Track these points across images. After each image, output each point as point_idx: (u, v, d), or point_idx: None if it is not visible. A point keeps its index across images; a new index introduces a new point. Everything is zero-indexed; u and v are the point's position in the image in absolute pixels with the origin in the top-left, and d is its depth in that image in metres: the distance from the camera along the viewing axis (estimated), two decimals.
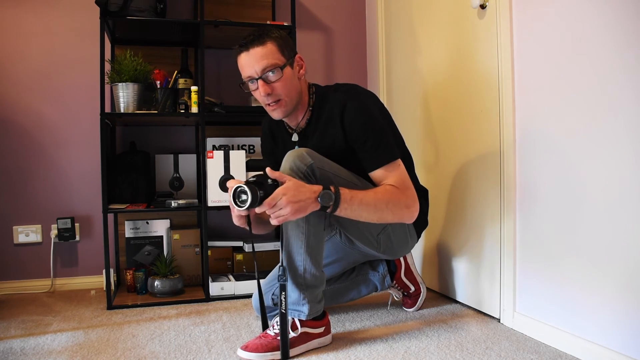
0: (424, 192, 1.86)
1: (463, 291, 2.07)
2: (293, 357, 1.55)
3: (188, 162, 2.56)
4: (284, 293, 1.51)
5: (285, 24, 2.37)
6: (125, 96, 2.17)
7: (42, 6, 2.45)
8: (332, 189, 1.47)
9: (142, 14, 2.20)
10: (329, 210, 1.48)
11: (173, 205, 2.22)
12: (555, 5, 1.58)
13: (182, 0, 2.60)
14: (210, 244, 2.41)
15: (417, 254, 2.32)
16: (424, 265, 2.34)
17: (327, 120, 1.66)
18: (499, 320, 1.85)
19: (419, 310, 2.00)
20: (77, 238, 2.49)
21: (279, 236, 1.60)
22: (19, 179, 2.44)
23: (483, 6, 1.87)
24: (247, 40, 1.59)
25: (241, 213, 1.51)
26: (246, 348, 1.53)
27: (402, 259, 1.99)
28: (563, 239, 1.57)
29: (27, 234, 2.45)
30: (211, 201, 2.24)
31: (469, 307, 2.03)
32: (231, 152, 2.27)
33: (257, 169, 2.30)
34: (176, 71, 2.36)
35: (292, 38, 2.33)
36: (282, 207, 1.42)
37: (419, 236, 1.82)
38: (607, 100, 1.40)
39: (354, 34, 2.88)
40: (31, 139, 2.45)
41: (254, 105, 2.39)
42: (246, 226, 1.56)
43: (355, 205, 1.50)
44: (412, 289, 1.99)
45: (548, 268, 1.63)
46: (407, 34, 2.46)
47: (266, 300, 1.79)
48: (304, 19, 2.77)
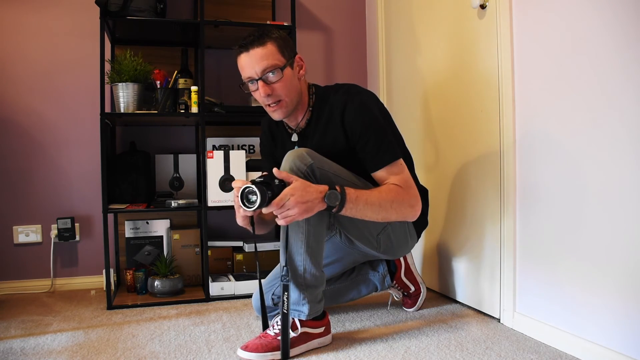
0: (423, 192, 1.86)
1: (463, 291, 2.07)
2: (293, 357, 1.55)
3: (188, 162, 2.56)
4: (286, 293, 1.51)
5: (285, 24, 2.37)
6: (125, 96, 2.17)
7: (42, 6, 2.45)
8: (337, 188, 1.47)
9: (142, 14, 2.20)
10: (335, 210, 1.48)
11: (173, 205, 2.23)
12: (555, 5, 1.58)
13: (182, 0, 2.60)
14: (210, 244, 2.41)
15: (417, 254, 2.32)
16: (424, 265, 2.34)
17: (328, 121, 1.66)
18: (499, 320, 1.85)
19: (419, 310, 2.00)
20: (77, 238, 2.49)
21: (279, 236, 1.60)
22: (19, 179, 2.44)
23: (483, 6, 1.87)
24: (247, 40, 1.59)
25: (247, 214, 1.50)
26: (246, 348, 1.53)
27: (402, 259, 1.99)
28: (563, 239, 1.57)
29: (27, 234, 2.45)
30: (211, 201, 2.24)
31: (469, 307, 2.03)
32: (231, 152, 2.27)
33: (257, 169, 2.30)
34: (176, 71, 2.36)
35: (292, 38, 2.33)
36: (290, 208, 1.42)
37: (418, 236, 1.82)
38: (607, 100, 1.40)
39: (354, 34, 2.88)
40: (31, 139, 2.45)
41: (254, 105, 2.39)
42: (249, 227, 1.56)
43: (361, 204, 1.50)
44: (412, 289, 1.99)
45: (548, 268, 1.63)
46: (407, 34, 2.46)
47: (267, 300, 1.79)
48: (304, 19, 2.77)
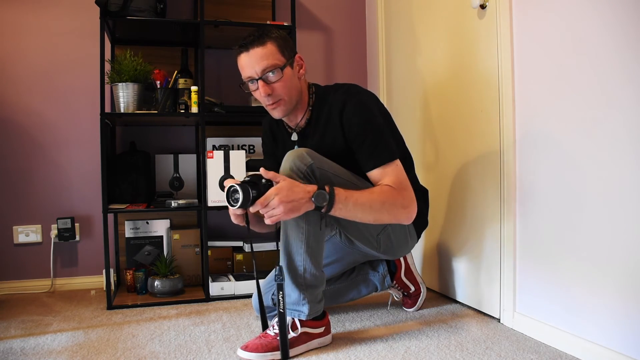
0: (423, 192, 1.86)
1: (463, 291, 2.07)
2: (293, 357, 1.55)
3: (188, 162, 2.56)
4: (281, 293, 1.52)
5: (285, 24, 2.37)
6: (125, 96, 2.17)
7: (42, 6, 2.45)
8: (326, 188, 1.47)
9: (142, 14, 2.20)
10: (324, 211, 1.48)
11: (173, 205, 2.23)
12: (555, 5, 1.58)
13: (182, 0, 2.60)
14: (210, 244, 2.41)
15: (417, 254, 2.32)
16: (424, 265, 2.34)
17: (327, 120, 1.65)
18: (499, 320, 1.85)
19: (419, 310, 2.00)
20: (77, 238, 2.49)
21: (279, 236, 1.60)
22: (19, 179, 2.44)
23: (483, 6, 1.87)
24: (247, 40, 1.59)
25: (236, 212, 1.52)
26: (246, 348, 1.53)
27: (402, 259, 1.99)
28: (563, 238, 1.57)
29: (27, 234, 2.45)
30: (211, 201, 2.24)
31: (469, 307, 2.03)
32: (231, 152, 2.27)
33: (257, 169, 2.29)
34: (176, 71, 2.36)
35: (292, 38, 2.33)
36: (274, 207, 1.42)
37: (418, 236, 1.82)
38: (607, 100, 1.40)
39: (354, 34, 2.88)
40: (31, 139, 2.45)
41: (254, 105, 2.39)
42: (244, 223, 1.57)
43: (351, 205, 1.49)
44: (412, 289, 1.99)
45: (548, 268, 1.63)
46: (407, 34, 2.46)
47: (266, 301, 1.78)
48: (304, 19, 2.77)
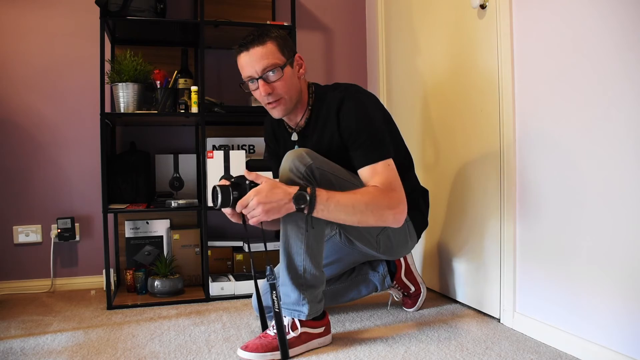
0: (423, 192, 1.86)
1: (463, 291, 2.07)
2: (293, 357, 1.55)
3: (188, 162, 2.56)
4: (274, 292, 1.52)
5: (285, 24, 2.37)
6: (125, 96, 2.17)
7: (42, 6, 2.45)
8: (308, 190, 1.45)
9: (142, 14, 2.20)
10: (306, 212, 1.47)
11: (173, 205, 2.23)
12: (555, 5, 1.58)
13: (182, 0, 2.60)
14: (210, 244, 2.41)
15: (417, 254, 2.32)
16: (424, 265, 2.34)
17: (325, 119, 1.65)
18: (499, 320, 1.85)
19: (419, 310, 2.00)
20: (77, 238, 2.49)
21: (279, 236, 1.60)
22: (19, 179, 2.44)
23: (483, 6, 1.87)
24: (247, 40, 1.59)
25: (226, 212, 1.56)
26: (246, 348, 1.53)
27: (402, 260, 1.98)
28: (563, 238, 1.57)
29: (27, 234, 2.44)
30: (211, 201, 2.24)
31: (469, 307, 2.02)
32: (231, 152, 2.27)
33: (257, 169, 2.30)
34: (176, 71, 2.35)
35: (292, 38, 2.33)
36: (253, 208, 1.45)
37: (418, 237, 1.81)
38: (607, 100, 1.40)
39: (354, 34, 2.88)
40: (31, 139, 2.45)
41: (254, 105, 2.39)
42: (240, 221, 1.57)
43: (332, 206, 1.47)
44: (413, 289, 1.99)
45: (548, 268, 1.63)
46: (407, 34, 2.46)
47: (265, 301, 1.77)
48: (304, 19, 2.77)
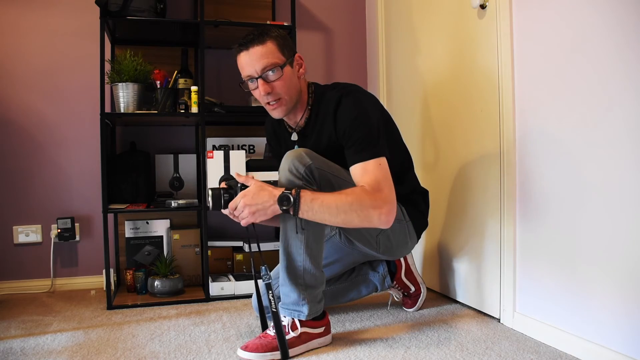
0: (423, 193, 1.86)
1: (463, 291, 2.07)
2: (293, 357, 1.55)
3: (188, 162, 2.56)
4: (271, 292, 1.52)
5: (285, 24, 2.37)
6: (125, 96, 2.17)
7: (42, 6, 2.45)
8: (293, 191, 1.46)
9: (142, 14, 2.20)
10: (292, 213, 1.47)
11: (173, 205, 2.22)
12: (555, 5, 1.58)
13: (182, 0, 2.60)
14: (210, 244, 2.41)
15: (417, 254, 2.32)
16: (424, 265, 2.34)
17: (324, 118, 1.65)
18: (499, 320, 1.85)
19: (419, 310, 2.00)
20: (77, 238, 2.49)
21: (278, 236, 1.60)
22: (19, 179, 2.44)
23: (483, 6, 1.87)
24: (246, 39, 1.59)
25: (224, 213, 1.57)
26: (246, 348, 1.53)
27: (402, 260, 1.98)
28: (563, 238, 1.57)
29: (27, 234, 2.44)
30: None
31: (469, 307, 2.02)
32: (231, 152, 2.27)
33: (257, 169, 2.30)
34: (176, 71, 2.35)
35: (292, 38, 2.33)
36: (242, 210, 1.49)
37: (418, 237, 1.81)
38: (607, 100, 1.40)
39: (354, 34, 2.88)
40: (31, 139, 2.45)
41: (254, 105, 2.39)
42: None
43: (316, 207, 1.46)
44: (413, 289, 1.99)
45: (548, 268, 1.63)
46: (407, 34, 2.46)
47: (265, 301, 1.76)
48: (304, 19, 2.77)
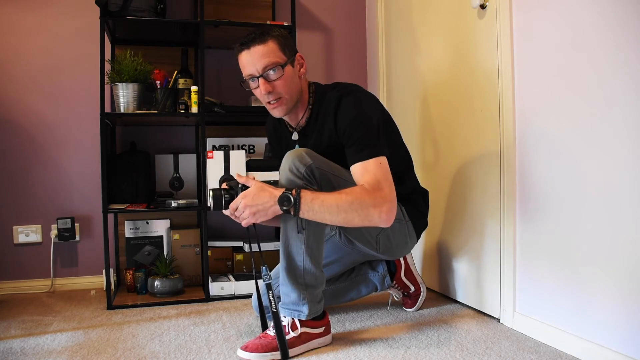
0: (423, 193, 1.86)
1: (463, 291, 2.07)
2: (293, 357, 1.55)
3: (188, 162, 2.56)
4: (271, 292, 1.52)
5: (285, 24, 2.37)
6: (125, 96, 2.17)
7: (42, 6, 2.45)
8: (293, 192, 1.45)
9: (142, 14, 2.20)
10: (292, 214, 1.47)
11: (173, 205, 2.22)
12: (555, 5, 1.58)
13: (182, 0, 2.60)
14: (210, 244, 2.41)
15: (417, 254, 2.32)
16: (424, 265, 2.34)
17: (324, 118, 1.65)
18: (499, 320, 1.85)
19: (419, 310, 2.00)
20: (77, 238, 2.49)
21: (279, 236, 1.60)
22: (19, 179, 2.44)
23: (483, 6, 1.87)
24: (248, 38, 1.60)
25: (225, 213, 1.57)
26: (246, 348, 1.53)
27: (402, 259, 1.98)
28: (563, 238, 1.57)
29: (27, 234, 2.44)
30: None
31: (469, 307, 2.02)
32: (231, 152, 2.27)
33: (257, 168, 2.30)
34: (176, 71, 2.36)
35: (292, 38, 2.33)
36: (242, 211, 1.49)
37: (418, 237, 1.82)
38: (607, 100, 1.40)
39: (354, 34, 2.88)
40: (31, 139, 2.45)
41: (254, 105, 2.39)
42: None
43: (317, 206, 1.46)
44: (412, 289, 1.99)
45: (548, 268, 1.63)
46: (407, 34, 2.46)
47: (265, 301, 1.76)
48: (304, 19, 2.77)
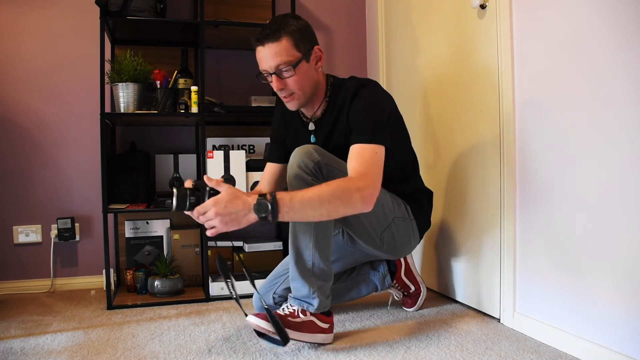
0: (428, 193, 1.86)
1: (463, 291, 2.07)
2: (298, 340, 1.59)
3: (188, 162, 2.56)
4: (229, 281, 1.56)
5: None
6: (125, 96, 2.17)
7: (42, 6, 2.45)
8: (268, 197, 1.38)
9: (142, 14, 2.20)
10: (270, 219, 1.39)
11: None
12: (555, 5, 1.58)
13: (182, 0, 2.60)
14: (210, 244, 2.41)
15: (417, 254, 2.32)
16: (424, 265, 2.34)
17: (340, 107, 1.66)
18: (499, 320, 1.85)
19: (419, 310, 2.00)
20: (77, 238, 2.49)
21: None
22: (19, 179, 2.44)
23: (483, 6, 1.87)
24: (263, 34, 1.59)
25: (187, 213, 1.45)
26: (258, 315, 1.55)
27: (402, 259, 1.99)
28: (563, 238, 1.57)
29: (27, 234, 2.44)
30: None
31: (469, 307, 2.02)
32: (231, 152, 2.27)
33: (257, 169, 2.30)
34: (176, 71, 2.35)
35: (310, 30, 2.25)
36: (211, 218, 1.38)
37: (421, 237, 1.82)
38: (607, 99, 1.40)
39: (354, 34, 2.88)
40: (31, 139, 2.45)
41: (254, 105, 2.39)
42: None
43: (297, 204, 1.39)
44: (412, 288, 1.99)
45: (548, 268, 1.63)
46: (407, 33, 2.46)
47: (268, 300, 1.84)
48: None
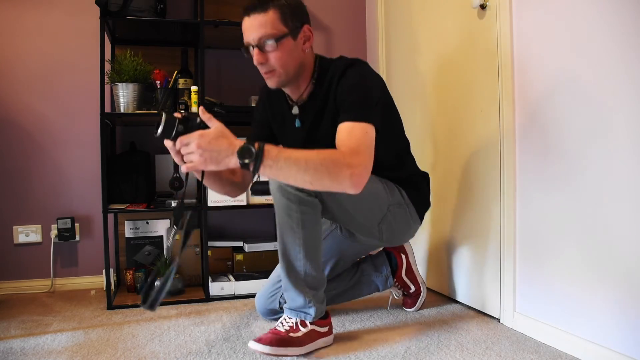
0: (424, 175, 1.86)
1: (463, 291, 2.07)
2: (307, 353, 1.57)
3: None
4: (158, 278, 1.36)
5: None
6: (125, 96, 2.17)
7: (41, 6, 2.45)
8: (256, 145, 1.28)
9: (142, 14, 2.20)
10: (251, 169, 1.29)
11: (173, 205, 2.22)
12: (555, 5, 1.58)
13: (182, 0, 2.60)
14: (210, 244, 2.41)
15: (417, 254, 2.32)
16: (423, 265, 2.34)
17: (328, 88, 1.58)
18: (499, 320, 1.85)
19: (419, 310, 2.00)
20: (77, 238, 2.49)
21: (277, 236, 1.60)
22: (19, 179, 2.44)
23: (483, 6, 1.87)
24: (252, 4, 1.51)
25: (167, 144, 1.35)
26: (260, 340, 1.52)
27: (403, 258, 1.99)
28: (563, 239, 1.57)
29: (27, 234, 2.44)
30: (211, 201, 2.24)
31: (469, 307, 2.02)
32: None
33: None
34: (176, 71, 2.35)
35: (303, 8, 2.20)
36: (192, 151, 1.29)
37: (421, 219, 1.80)
38: (607, 100, 1.40)
39: (354, 34, 2.88)
40: (31, 139, 2.45)
41: (254, 105, 2.39)
42: (181, 163, 1.36)
43: (282, 161, 1.30)
44: (413, 288, 1.99)
45: (548, 268, 1.63)
46: (407, 33, 2.46)
47: (274, 305, 1.83)
48: None
